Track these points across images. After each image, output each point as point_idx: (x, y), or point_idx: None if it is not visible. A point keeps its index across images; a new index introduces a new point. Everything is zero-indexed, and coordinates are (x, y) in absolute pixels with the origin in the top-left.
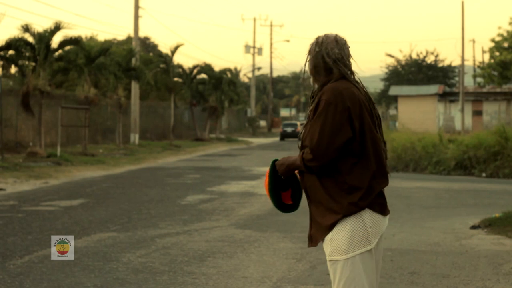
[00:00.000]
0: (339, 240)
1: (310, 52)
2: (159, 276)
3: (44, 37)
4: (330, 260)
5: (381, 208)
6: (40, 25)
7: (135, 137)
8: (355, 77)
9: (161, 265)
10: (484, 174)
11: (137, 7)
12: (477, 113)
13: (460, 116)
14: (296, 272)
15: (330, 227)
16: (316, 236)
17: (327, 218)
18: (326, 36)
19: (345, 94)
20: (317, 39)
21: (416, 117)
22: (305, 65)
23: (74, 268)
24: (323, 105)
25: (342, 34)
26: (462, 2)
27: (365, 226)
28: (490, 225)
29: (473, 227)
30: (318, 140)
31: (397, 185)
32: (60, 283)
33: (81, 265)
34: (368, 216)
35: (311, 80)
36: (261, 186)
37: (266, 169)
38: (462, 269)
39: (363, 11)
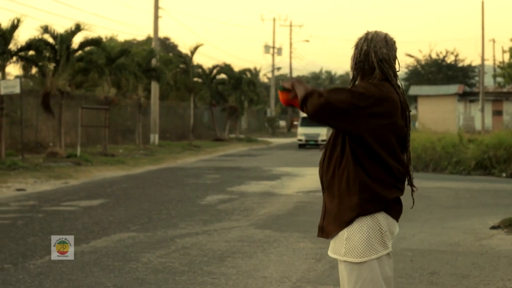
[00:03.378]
0: (355, 241)
1: (357, 47)
2: (178, 276)
3: (65, 38)
4: (344, 261)
5: (397, 215)
6: (60, 26)
7: (154, 137)
8: (398, 80)
9: (181, 265)
10: (504, 174)
11: (156, 7)
12: (497, 113)
13: (480, 116)
14: (315, 272)
15: (346, 224)
16: (328, 229)
17: (342, 213)
18: (377, 33)
19: (386, 96)
20: (367, 35)
21: (436, 117)
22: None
23: (94, 268)
24: (361, 85)
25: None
26: (482, 2)
27: (381, 229)
28: (510, 225)
29: (493, 227)
30: (333, 96)
31: (417, 185)
32: (80, 283)
33: (101, 265)
34: (384, 220)
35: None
36: (281, 186)
37: (286, 169)
38: (482, 269)
39: (382, 11)
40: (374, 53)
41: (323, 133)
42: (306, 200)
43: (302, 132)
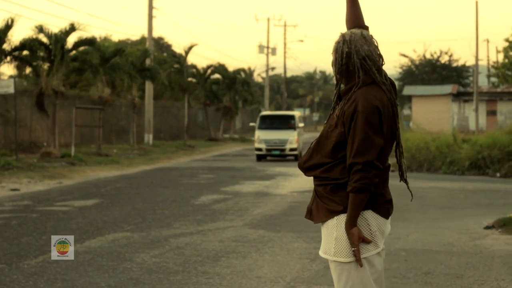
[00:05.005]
0: (344, 241)
1: (337, 51)
2: (173, 276)
3: (60, 38)
4: (334, 261)
5: (387, 212)
6: (54, 26)
7: (149, 137)
8: (383, 74)
9: (175, 265)
10: (498, 174)
11: (151, 7)
12: (491, 113)
13: (474, 116)
14: (310, 272)
15: (330, 214)
16: (314, 215)
17: (329, 204)
18: (353, 33)
19: (378, 104)
20: (344, 37)
21: (430, 117)
22: (333, 65)
23: (88, 268)
24: (360, 117)
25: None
26: (476, 2)
27: (371, 230)
28: (505, 225)
29: (487, 227)
30: (366, 150)
31: (411, 185)
32: (74, 283)
33: (95, 265)
34: (373, 220)
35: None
36: (275, 186)
37: (280, 169)
38: (476, 269)
39: (376, 11)
40: (356, 53)
41: (292, 138)
42: (301, 200)
43: (262, 137)
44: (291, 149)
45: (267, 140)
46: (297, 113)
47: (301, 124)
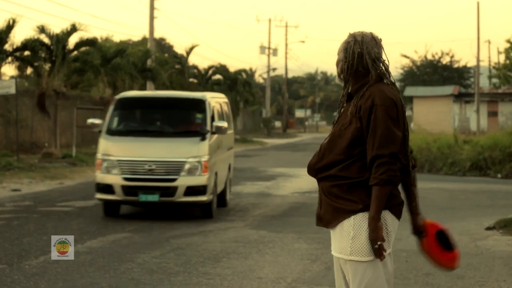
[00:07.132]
0: (362, 240)
1: (346, 51)
2: (174, 276)
3: (61, 39)
4: (351, 260)
5: (400, 213)
6: (56, 26)
7: None
8: (391, 77)
9: (176, 266)
10: (499, 175)
11: (152, 8)
12: (493, 114)
13: (475, 117)
14: (311, 273)
15: (348, 214)
16: (328, 219)
17: (345, 204)
18: (364, 34)
19: (394, 97)
20: (355, 37)
21: (431, 118)
22: (341, 64)
23: (89, 269)
24: (380, 110)
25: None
26: (478, 3)
27: (387, 230)
28: (506, 226)
29: (489, 228)
30: (390, 142)
31: None
32: (75, 283)
33: (96, 266)
34: (390, 221)
35: (339, 80)
36: (276, 187)
37: (281, 170)
38: (477, 270)
39: (377, 11)
40: (367, 54)
41: (194, 161)
42: (301, 201)
43: (115, 156)
44: (191, 189)
45: (125, 163)
46: (215, 96)
47: (224, 124)
